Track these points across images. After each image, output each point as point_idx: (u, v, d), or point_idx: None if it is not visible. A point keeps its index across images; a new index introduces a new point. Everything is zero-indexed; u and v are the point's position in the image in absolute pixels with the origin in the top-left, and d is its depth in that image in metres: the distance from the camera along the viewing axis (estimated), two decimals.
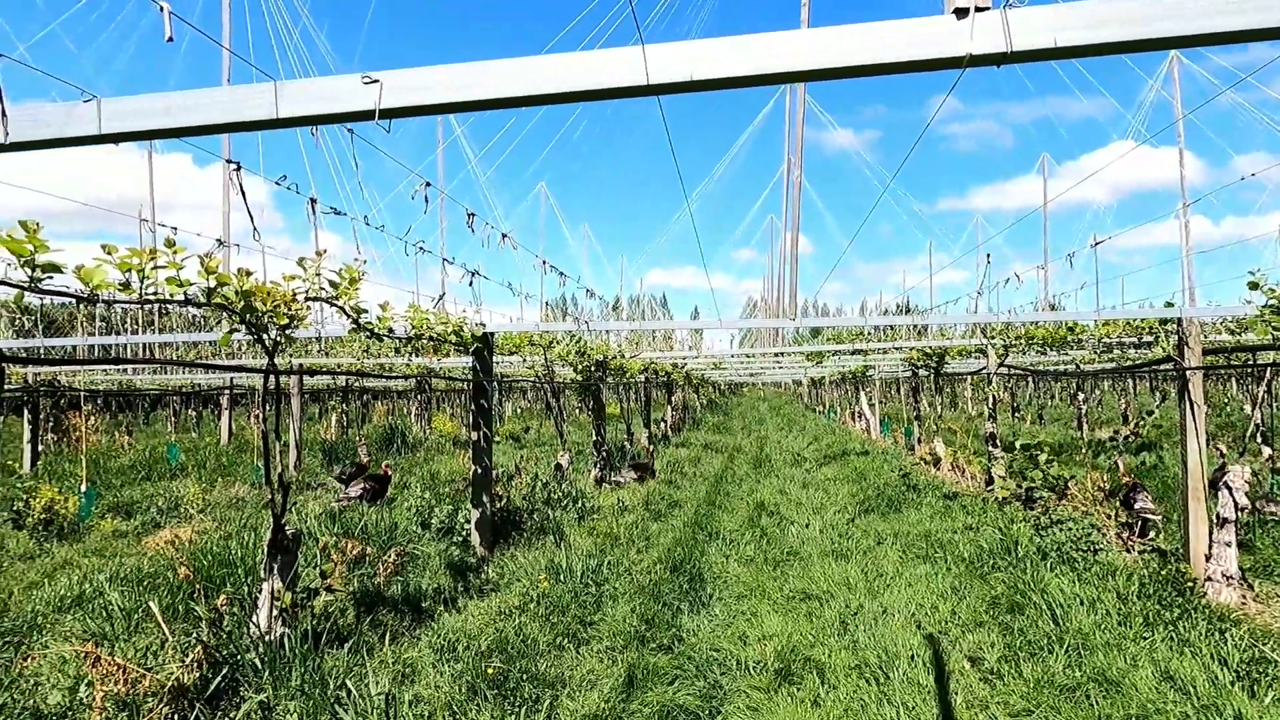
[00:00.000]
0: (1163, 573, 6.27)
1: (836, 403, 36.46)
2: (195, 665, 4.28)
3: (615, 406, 38.50)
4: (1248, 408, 20.74)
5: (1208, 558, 6.90)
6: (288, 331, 5.10)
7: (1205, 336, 9.54)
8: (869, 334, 19.34)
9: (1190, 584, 6.10)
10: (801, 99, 7.37)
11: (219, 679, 4.22)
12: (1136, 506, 8.90)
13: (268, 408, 5.29)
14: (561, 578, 6.91)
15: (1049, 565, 6.75)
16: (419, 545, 7.80)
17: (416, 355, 13.57)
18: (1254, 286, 7.36)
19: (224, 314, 4.85)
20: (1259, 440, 12.67)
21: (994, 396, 13.48)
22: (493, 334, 8.68)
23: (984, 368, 14.10)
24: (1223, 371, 19.49)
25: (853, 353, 17.77)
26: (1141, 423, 17.38)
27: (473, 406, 8.59)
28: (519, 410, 39.87)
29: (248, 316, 4.83)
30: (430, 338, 7.49)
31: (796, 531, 9.16)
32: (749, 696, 4.77)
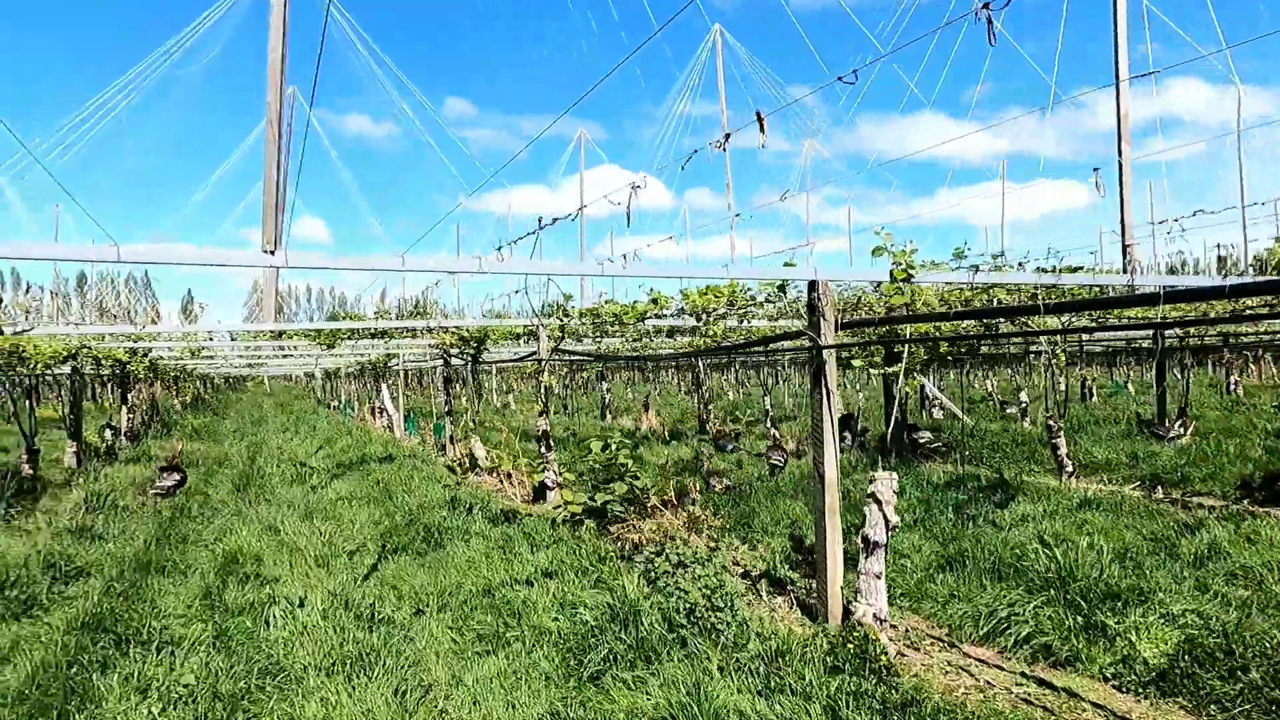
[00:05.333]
0: (849, 647, 4.31)
1: (354, 397, 32.38)
2: None
3: (50, 409, 28.88)
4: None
5: (856, 594, 5.28)
6: None
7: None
8: (392, 314, 16.13)
9: (885, 665, 4.20)
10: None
11: None
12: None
13: None
14: None
15: (688, 648, 4.39)
16: None
17: None
18: (879, 252, 6.02)
19: None
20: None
21: (546, 387, 11.37)
22: None
23: (534, 354, 11.99)
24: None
25: (375, 335, 14.38)
26: (738, 412, 17.25)
27: None
28: None
29: None
30: None
31: (284, 614, 5.57)
32: None
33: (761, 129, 9.37)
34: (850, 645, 4.27)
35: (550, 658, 4.69)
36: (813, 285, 5.60)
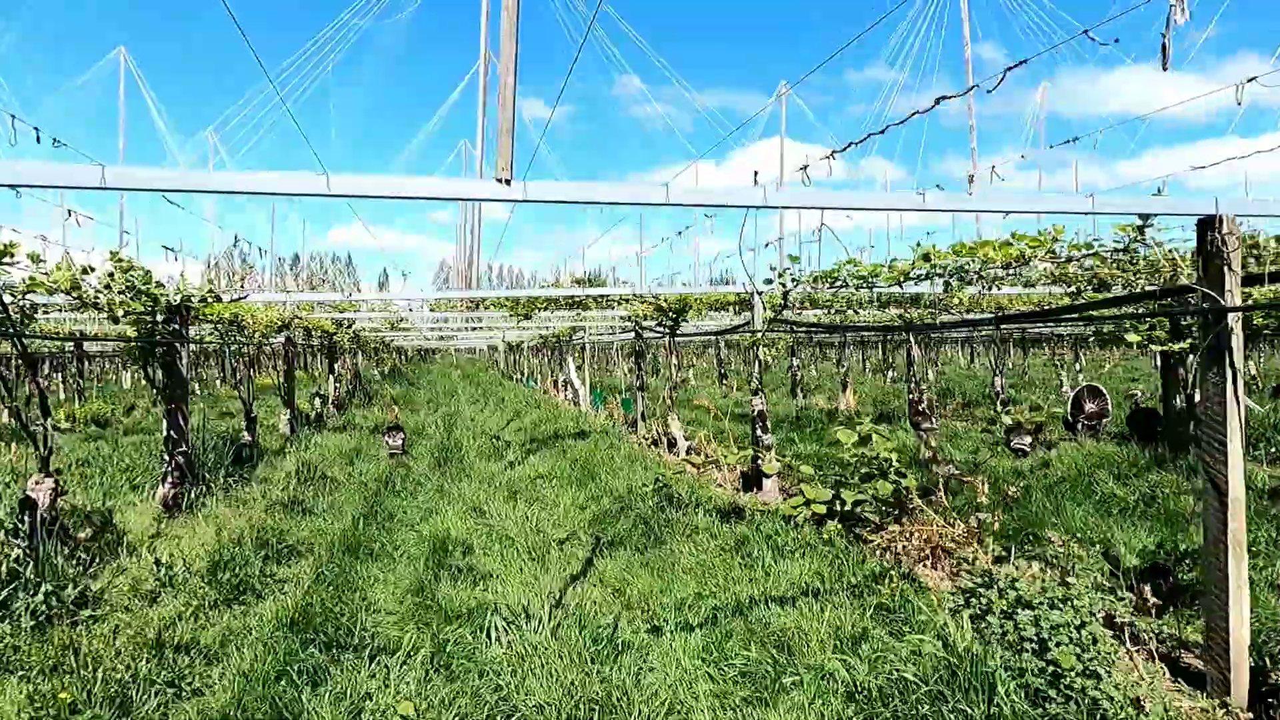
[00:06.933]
0: None
1: (537, 370, 32.70)
2: None
3: (267, 378, 31.14)
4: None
5: (1275, 661, 3.70)
6: None
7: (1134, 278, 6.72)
8: (588, 280, 15.48)
9: None
10: None
11: None
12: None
13: None
14: None
15: None
16: None
17: None
18: None
19: None
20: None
21: (761, 363, 10.16)
22: None
23: (745, 325, 10.82)
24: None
25: (569, 305, 13.74)
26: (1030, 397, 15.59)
27: None
28: (128, 383, 30.70)
29: None
30: None
31: (505, 625, 4.73)
32: None
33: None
34: None
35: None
36: (1210, 223, 3.98)
